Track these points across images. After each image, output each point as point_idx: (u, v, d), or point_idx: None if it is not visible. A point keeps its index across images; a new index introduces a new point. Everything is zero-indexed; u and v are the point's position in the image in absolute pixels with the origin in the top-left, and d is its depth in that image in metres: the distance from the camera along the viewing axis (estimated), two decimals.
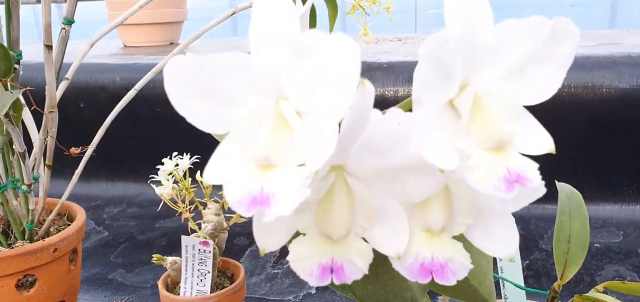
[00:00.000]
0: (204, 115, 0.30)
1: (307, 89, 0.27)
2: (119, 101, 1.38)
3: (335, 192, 0.31)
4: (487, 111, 0.29)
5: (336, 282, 0.32)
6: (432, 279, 0.32)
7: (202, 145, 0.76)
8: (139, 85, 0.80)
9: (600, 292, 0.51)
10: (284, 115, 0.28)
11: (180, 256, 0.61)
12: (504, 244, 0.33)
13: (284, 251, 1.03)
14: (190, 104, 0.29)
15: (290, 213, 0.26)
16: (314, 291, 0.87)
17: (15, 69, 0.59)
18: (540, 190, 0.31)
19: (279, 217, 0.27)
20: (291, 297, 0.86)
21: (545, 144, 0.30)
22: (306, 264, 0.32)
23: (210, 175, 0.30)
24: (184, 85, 0.29)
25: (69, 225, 0.80)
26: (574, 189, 0.50)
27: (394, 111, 0.30)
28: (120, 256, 1.05)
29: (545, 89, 0.30)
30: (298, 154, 0.28)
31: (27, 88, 0.59)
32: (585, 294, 0.50)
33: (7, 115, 0.62)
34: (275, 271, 0.95)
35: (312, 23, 0.88)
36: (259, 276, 0.92)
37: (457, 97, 0.30)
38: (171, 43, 1.89)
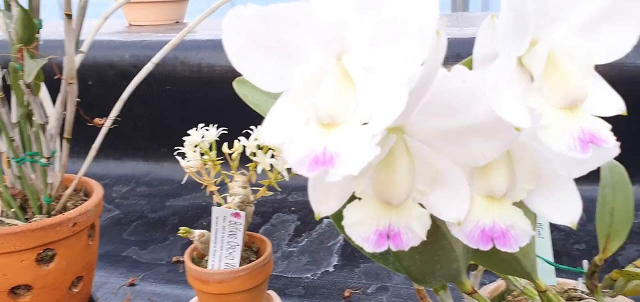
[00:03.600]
0: (262, 71, 0.28)
1: (377, 43, 0.26)
2: (127, 79, 1.37)
3: (396, 154, 0.29)
4: (561, 68, 0.27)
5: (393, 249, 0.31)
6: (493, 246, 0.31)
7: (215, 122, 0.75)
8: (156, 58, 0.78)
9: (638, 267, 0.50)
10: (348, 70, 0.27)
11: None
12: (566, 210, 0.32)
13: (298, 230, 1.02)
14: (248, 59, 0.28)
15: (358, 172, 0.25)
16: (331, 269, 0.86)
17: (36, 37, 0.58)
18: (614, 151, 0.29)
19: (346, 177, 0.25)
20: (309, 275, 0.85)
21: (615, 104, 0.29)
22: (362, 229, 0.30)
23: (267, 134, 0.28)
24: (242, 38, 0.27)
25: (85, 200, 0.79)
26: (616, 162, 0.49)
27: (459, 69, 0.29)
28: (133, 234, 1.04)
29: (619, 48, 0.29)
30: (362, 112, 0.27)
31: (52, 57, 0.57)
32: (625, 269, 0.49)
33: (28, 85, 0.60)
34: (291, 249, 0.94)
35: None
36: (275, 254, 0.91)
37: (527, 54, 0.28)
38: (176, 22, 1.87)
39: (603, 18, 0.28)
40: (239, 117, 0.90)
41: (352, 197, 0.31)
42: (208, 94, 1.27)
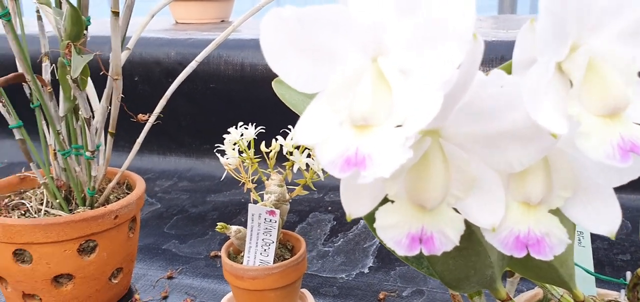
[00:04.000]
0: (297, 72, 0.29)
1: (414, 45, 0.26)
2: (173, 76, 1.39)
3: (431, 158, 0.29)
4: (601, 75, 0.27)
5: (425, 253, 0.30)
6: (528, 253, 0.31)
7: (256, 121, 0.76)
8: (200, 57, 0.79)
9: None
10: (384, 73, 0.27)
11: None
12: (605, 219, 0.31)
13: (334, 230, 1.02)
14: (285, 59, 0.28)
15: (389, 175, 0.25)
16: (366, 271, 0.86)
17: (84, 34, 0.60)
18: None
19: (377, 179, 0.25)
20: (344, 275, 0.85)
21: None
22: (395, 232, 0.30)
23: (301, 134, 0.29)
24: (280, 39, 0.27)
25: (127, 194, 0.81)
26: None
27: (498, 73, 0.28)
28: (173, 227, 1.06)
29: None
30: (397, 115, 0.27)
31: (98, 53, 0.59)
32: None
33: (74, 80, 0.62)
34: (326, 249, 0.94)
35: None
36: (310, 253, 0.92)
37: (566, 60, 0.28)
38: (222, 20, 1.90)
39: None
40: (280, 116, 0.90)
41: (385, 199, 0.31)
42: (250, 93, 1.29)
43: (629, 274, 0.66)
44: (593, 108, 0.27)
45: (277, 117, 0.92)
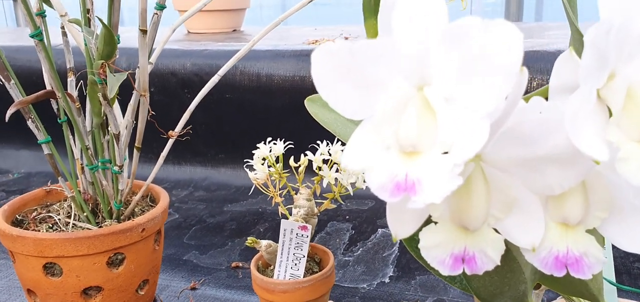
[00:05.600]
0: (346, 101, 0.30)
1: (461, 76, 0.27)
2: (188, 86, 1.41)
3: (473, 181, 0.30)
4: (639, 102, 0.28)
5: (468, 272, 0.32)
6: (567, 272, 0.32)
7: (271, 131, 0.77)
8: (222, 71, 0.81)
9: None
10: (430, 101, 0.28)
11: (247, 238, 0.62)
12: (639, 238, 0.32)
13: (352, 239, 1.03)
14: (335, 89, 0.29)
15: (441, 201, 0.26)
16: (387, 280, 0.87)
17: (116, 53, 0.61)
18: None
19: (428, 205, 0.27)
20: (365, 285, 0.86)
21: None
22: (438, 252, 0.32)
23: (350, 160, 0.30)
24: (331, 71, 0.29)
25: (151, 206, 0.82)
26: None
27: (537, 99, 0.30)
28: (193, 238, 1.07)
29: None
30: (443, 142, 0.28)
31: (131, 72, 0.60)
32: None
33: (105, 97, 0.64)
34: (346, 258, 0.95)
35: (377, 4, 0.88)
36: None
37: (604, 87, 0.29)
38: (234, 30, 1.92)
39: None
40: (297, 126, 0.92)
41: (428, 220, 0.33)
42: (266, 103, 1.30)
43: None
44: (632, 134, 0.28)
45: (294, 126, 0.93)
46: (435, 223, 0.32)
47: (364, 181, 0.62)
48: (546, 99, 0.31)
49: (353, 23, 1.91)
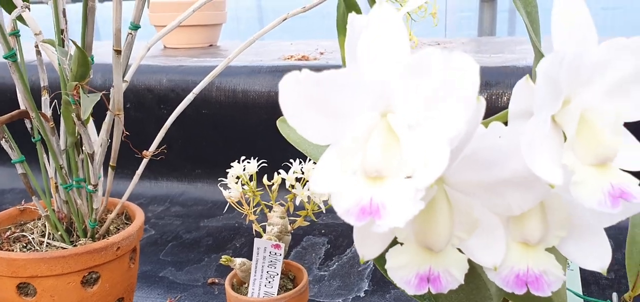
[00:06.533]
0: (313, 127, 0.31)
1: (423, 105, 0.28)
2: (165, 102, 1.41)
3: (437, 204, 0.32)
4: (592, 128, 0.29)
5: (433, 292, 0.33)
6: (527, 290, 0.33)
7: (247, 146, 0.78)
8: (197, 89, 0.82)
9: None
10: (394, 128, 0.29)
11: (227, 254, 0.62)
12: (597, 256, 0.34)
13: (328, 253, 1.04)
14: (301, 116, 0.30)
15: (404, 224, 0.27)
16: (362, 294, 0.88)
17: (89, 74, 0.61)
18: None
19: (392, 229, 0.28)
20: (340, 300, 0.87)
21: None
22: (404, 273, 0.33)
23: (317, 184, 0.31)
24: (297, 99, 0.30)
25: (127, 223, 0.82)
26: None
27: (496, 125, 0.31)
28: (169, 254, 1.07)
29: None
30: (406, 166, 0.29)
31: (105, 92, 0.61)
32: None
33: (79, 117, 0.64)
34: (322, 273, 0.96)
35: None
36: None
37: (559, 114, 0.30)
38: (210, 45, 1.92)
39: (630, 81, 0.30)
40: (273, 141, 0.92)
41: (394, 241, 0.34)
42: (242, 119, 1.31)
43: (614, 296, 0.69)
44: (585, 159, 0.29)
45: (270, 142, 0.94)
46: (401, 244, 0.33)
47: None
48: (506, 123, 0.33)
49: (328, 37, 1.93)
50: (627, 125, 0.31)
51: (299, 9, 0.86)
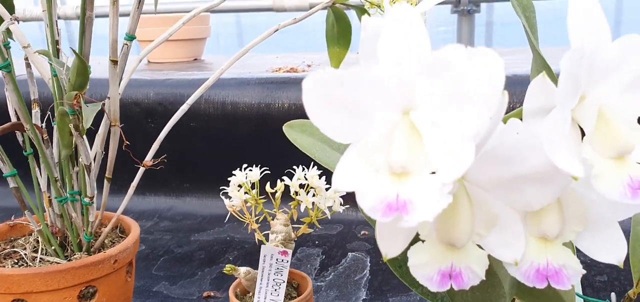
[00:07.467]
0: (335, 126, 0.31)
1: (446, 102, 0.29)
2: (152, 116, 1.40)
3: (458, 200, 0.32)
4: (609, 123, 0.30)
5: (455, 288, 0.33)
6: (548, 284, 0.33)
7: (237, 159, 0.77)
8: (191, 100, 0.81)
9: None
10: (416, 125, 0.30)
11: (221, 267, 0.62)
12: (612, 249, 0.34)
13: (323, 264, 1.04)
14: (324, 115, 0.30)
15: (433, 219, 0.28)
16: None
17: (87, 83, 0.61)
18: None
19: (421, 223, 0.28)
20: None
21: None
22: (427, 270, 0.33)
23: (340, 182, 0.31)
24: (321, 98, 0.30)
25: (121, 237, 0.81)
26: None
27: (514, 121, 0.31)
28: (162, 269, 1.06)
29: None
30: (431, 163, 0.29)
31: (104, 102, 0.60)
32: None
33: (76, 128, 0.63)
34: (318, 284, 0.96)
35: (348, 36, 0.91)
36: None
37: (576, 109, 0.31)
38: (195, 59, 1.92)
39: None
40: (262, 154, 0.92)
41: (415, 240, 0.34)
42: (231, 131, 1.30)
43: (613, 296, 0.70)
44: (604, 152, 0.30)
45: (259, 153, 0.94)
46: (423, 242, 0.33)
47: (341, 205, 0.63)
48: (520, 120, 0.33)
49: (313, 51, 1.94)
50: None
51: (289, 21, 0.87)
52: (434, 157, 0.29)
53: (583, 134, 0.31)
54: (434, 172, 0.29)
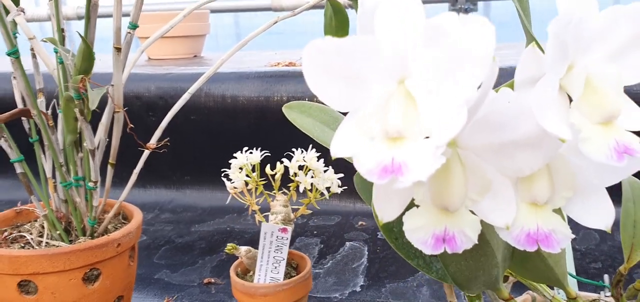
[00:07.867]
0: (333, 94, 0.32)
1: (439, 69, 0.30)
2: (153, 109, 1.41)
3: (451, 165, 0.33)
4: (596, 89, 0.31)
5: (449, 251, 0.34)
6: (538, 248, 0.35)
7: (236, 151, 0.79)
8: (192, 89, 0.83)
9: None
10: (411, 92, 0.31)
11: (221, 256, 0.63)
12: (601, 215, 0.36)
13: (322, 252, 1.05)
14: (323, 83, 0.32)
15: (427, 178, 0.29)
16: (358, 289, 0.90)
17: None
18: None
19: (415, 183, 0.29)
20: (337, 295, 0.88)
21: None
22: (421, 233, 0.34)
23: (338, 149, 0.32)
24: (319, 66, 0.31)
25: (124, 223, 0.83)
26: (635, 178, 0.53)
27: (505, 90, 0.33)
28: (163, 257, 1.07)
29: None
30: (424, 128, 0.31)
31: (109, 86, 0.62)
32: None
33: (82, 112, 0.65)
34: (317, 271, 0.97)
35: (346, 28, 0.92)
36: None
37: (564, 78, 0.32)
38: (195, 55, 1.93)
39: (630, 46, 0.33)
40: (261, 146, 0.94)
41: (410, 206, 0.35)
42: (230, 124, 1.32)
43: (606, 277, 0.72)
44: (591, 117, 0.31)
45: (258, 147, 0.95)
46: (417, 207, 0.35)
47: (339, 186, 0.64)
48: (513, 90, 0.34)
49: None
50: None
51: (288, 13, 0.88)
52: (428, 123, 0.30)
53: (571, 102, 0.33)
54: (428, 138, 0.30)
